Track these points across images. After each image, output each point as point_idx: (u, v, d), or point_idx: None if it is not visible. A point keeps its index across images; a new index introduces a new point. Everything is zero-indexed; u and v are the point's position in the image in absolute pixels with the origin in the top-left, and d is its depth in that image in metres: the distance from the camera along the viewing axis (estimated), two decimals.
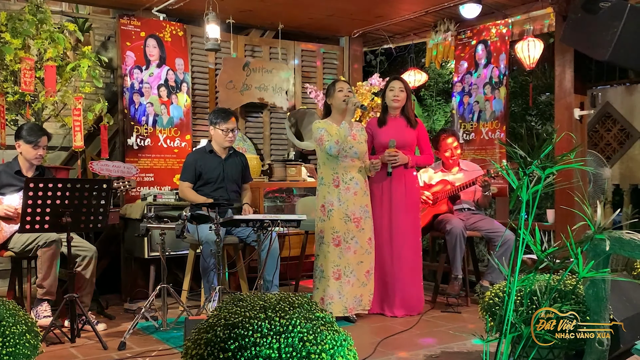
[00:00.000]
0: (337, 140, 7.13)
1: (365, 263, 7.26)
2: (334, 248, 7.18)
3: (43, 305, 6.69)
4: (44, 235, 6.59)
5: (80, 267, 6.82)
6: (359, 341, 4.54)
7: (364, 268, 7.24)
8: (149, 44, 9.11)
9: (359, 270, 7.21)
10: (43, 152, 7.02)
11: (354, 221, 7.20)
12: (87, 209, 6.40)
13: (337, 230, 7.19)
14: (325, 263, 7.22)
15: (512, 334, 3.73)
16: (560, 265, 3.82)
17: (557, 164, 3.67)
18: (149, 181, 9.04)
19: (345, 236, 7.18)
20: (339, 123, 7.28)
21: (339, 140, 7.12)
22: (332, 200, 7.24)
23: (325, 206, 7.28)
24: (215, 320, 3.65)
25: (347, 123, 7.24)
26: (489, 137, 9.51)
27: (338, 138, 7.13)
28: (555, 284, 4.23)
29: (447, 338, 6.47)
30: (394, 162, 7.43)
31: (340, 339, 3.62)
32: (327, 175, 7.32)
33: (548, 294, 4.02)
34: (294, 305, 3.73)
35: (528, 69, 8.96)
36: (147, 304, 6.72)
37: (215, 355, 3.43)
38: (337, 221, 7.20)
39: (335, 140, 7.13)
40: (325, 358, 3.45)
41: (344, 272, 7.15)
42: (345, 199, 7.21)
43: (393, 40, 11.06)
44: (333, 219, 7.21)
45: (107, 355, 6.00)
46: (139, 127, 8.98)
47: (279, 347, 3.41)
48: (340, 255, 7.17)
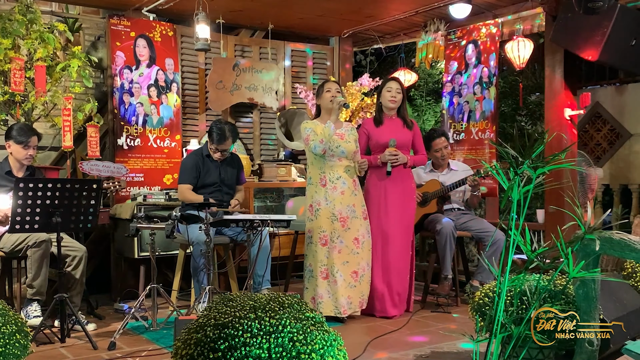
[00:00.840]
0: (322, 139, 7.14)
1: (351, 263, 7.23)
2: (321, 247, 7.18)
3: (33, 305, 6.69)
4: (34, 235, 6.58)
5: (70, 267, 6.82)
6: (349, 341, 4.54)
7: (350, 268, 7.21)
8: (138, 44, 9.10)
9: (345, 270, 7.19)
10: (33, 152, 7.00)
11: (340, 220, 7.20)
12: (77, 209, 6.39)
13: (324, 229, 7.19)
14: (314, 263, 7.24)
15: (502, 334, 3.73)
16: (550, 266, 3.82)
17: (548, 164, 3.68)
18: (139, 181, 9.02)
19: (332, 235, 7.18)
20: (326, 122, 7.29)
21: (324, 139, 7.13)
22: (319, 199, 7.25)
23: (313, 206, 7.29)
24: (205, 320, 3.65)
25: (333, 122, 7.24)
26: (479, 137, 9.51)
27: (323, 137, 7.14)
28: (545, 284, 4.23)
29: (437, 338, 6.48)
30: (395, 161, 7.44)
31: (330, 339, 3.63)
32: (315, 175, 7.34)
33: (538, 294, 4.03)
34: (283, 306, 3.73)
35: (518, 69, 8.97)
36: (137, 304, 6.71)
37: (205, 355, 3.43)
38: (324, 220, 7.21)
39: (319, 140, 7.14)
40: (315, 358, 3.45)
41: (331, 271, 7.14)
42: (332, 199, 7.21)
43: (383, 41, 11.06)
44: (320, 218, 7.22)
45: (97, 355, 6.00)
46: (129, 127, 8.97)
47: (269, 347, 3.41)
48: (327, 255, 7.17)
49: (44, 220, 6.22)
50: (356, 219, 7.32)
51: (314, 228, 7.25)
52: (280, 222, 6.71)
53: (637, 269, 6.02)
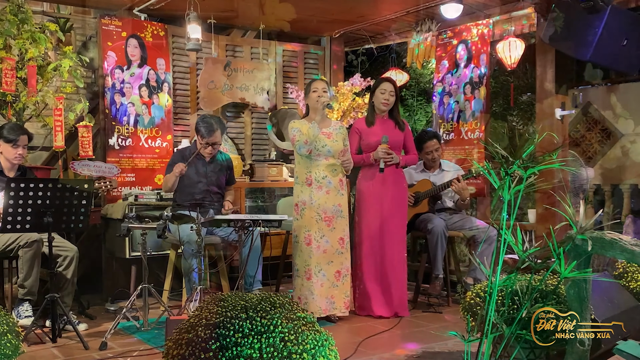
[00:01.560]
0: (306, 140, 7.14)
1: (335, 263, 7.25)
2: (306, 247, 7.20)
3: (24, 305, 6.68)
4: (25, 236, 6.58)
5: (61, 267, 6.81)
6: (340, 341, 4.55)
7: (333, 268, 7.23)
8: (130, 44, 9.09)
9: (329, 270, 7.20)
10: (23, 152, 6.99)
11: (326, 220, 7.20)
12: (68, 209, 6.38)
13: (309, 229, 7.20)
14: (300, 262, 7.25)
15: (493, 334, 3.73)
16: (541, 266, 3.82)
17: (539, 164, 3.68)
18: (130, 181, 9.01)
19: (316, 235, 7.18)
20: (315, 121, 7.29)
21: (308, 140, 7.13)
22: (304, 199, 7.25)
23: (299, 205, 7.30)
24: (196, 321, 3.65)
25: (318, 122, 7.24)
26: (469, 137, 9.52)
27: (307, 138, 7.14)
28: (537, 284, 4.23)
29: (429, 338, 6.48)
30: (389, 160, 7.43)
31: (322, 339, 3.63)
32: (301, 174, 7.34)
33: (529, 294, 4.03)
34: (275, 306, 3.73)
35: (509, 69, 8.98)
36: (128, 304, 6.70)
37: (196, 356, 3.43)
38: (309, 220, 7.22)
39: (304, 140, 7.14)
40: (307, 358, 3.45)
41: (314, 271, 7.15)
42: (317, 198, 7.21)
43: (374, 40, 11.06)
44: (305, 217, 7.23)
45: (88, 355, 5.99)
46: (120, 127, 8.96)
47: (261, 347, 3.41)
48: (310, 255, 7.18)
49: (35, 220, 6.21)
50: (342, 219, 7.33)
51: (300, 227, 7.27)
52: (272, 222, 6.71)
53: (629, 269, 6.02)
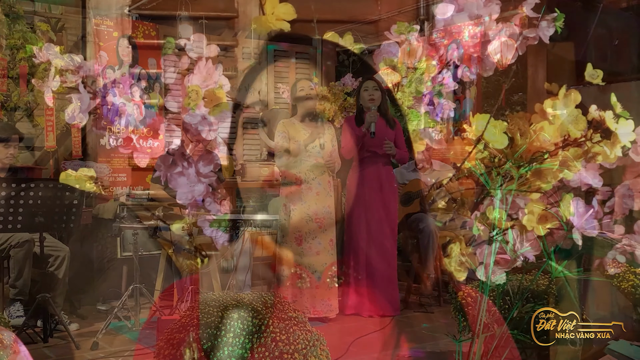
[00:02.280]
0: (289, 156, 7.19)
1: (328, 265, 7.25)
2: (296, 247, 7.19)
3: (15, 305, 6.66)
4: (17, 235, 6.56)
5: (52, 267, 6.79)
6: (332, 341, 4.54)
7: (326, 269, 7.23)
8: (121, 44, 9.07)
9: (322, 271, 7.20)
10: (14, 151, 6.97)
11: (316, 221, 7.20)
12: (59, 209, 6.37)
13: (299, 229, 7.19)
14: (288, 263, 7.24)
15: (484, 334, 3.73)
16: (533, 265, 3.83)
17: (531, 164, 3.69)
18: (122, 181, 8.99)
19: (307, 236, 7.18)
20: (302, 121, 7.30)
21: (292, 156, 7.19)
22: (294, 199, 7.25)
23: (287, 206, 7.28)
24: (187, 321, 3.64)
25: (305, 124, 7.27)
26: (458, 137, 9.52)
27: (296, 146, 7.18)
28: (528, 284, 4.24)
29: (420, 338, 6.48)
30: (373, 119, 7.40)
31: (313, 338, 3.63)
32: (290, 175, 7.33)
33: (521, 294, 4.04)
34: (266, 305, 3.73)
35: (501, 69, 8.98)
36: (119, 304, 6.70)
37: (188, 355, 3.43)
38: (298, 221, 7.20)
39: (285, 157, 7.18)
40: (298, 358, 3.45)
41: (305, 272, 7.15)
42: (307, 199, 7.21)
43: (366, 41, 11.05)
44: (294, 218, 7.22)
45: (79, 355, 5.99)
46: (112, 127, 8.94)
47: (252, 347, 3.40)
48: (301, 255, 7.17)
49: (26, 220, 6.19)
50: (331, 220, 7.34)
51: (289, 228, 7.26)
52: (264, 222, 6.71)
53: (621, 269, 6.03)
